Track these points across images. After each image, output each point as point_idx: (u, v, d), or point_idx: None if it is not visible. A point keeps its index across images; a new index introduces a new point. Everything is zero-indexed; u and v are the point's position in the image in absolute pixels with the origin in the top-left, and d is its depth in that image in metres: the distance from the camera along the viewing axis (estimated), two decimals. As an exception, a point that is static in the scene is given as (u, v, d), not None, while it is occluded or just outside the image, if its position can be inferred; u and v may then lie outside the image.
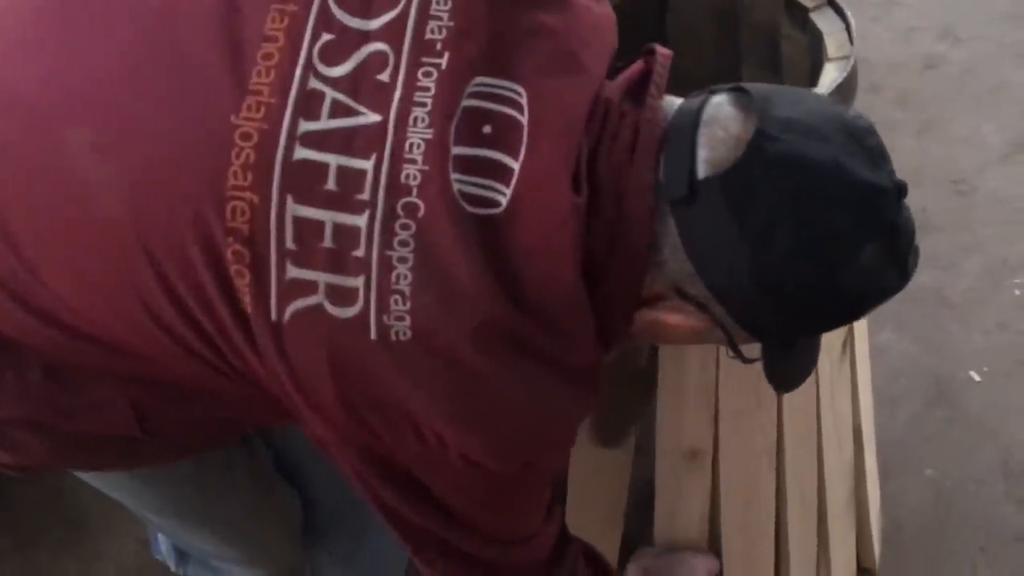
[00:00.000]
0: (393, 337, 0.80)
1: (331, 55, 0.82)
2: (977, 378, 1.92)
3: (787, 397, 1.29)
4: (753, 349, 0.90)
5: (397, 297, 0.79)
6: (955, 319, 2.03)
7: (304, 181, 0.80)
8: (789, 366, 0.92)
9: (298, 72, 0.81)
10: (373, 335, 0.80)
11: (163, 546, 1.50)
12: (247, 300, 0.81)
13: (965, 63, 2.60)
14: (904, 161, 2.29)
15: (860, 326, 1.42)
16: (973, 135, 2.41)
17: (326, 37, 0.82)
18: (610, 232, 0.82)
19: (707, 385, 1.24)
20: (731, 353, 0.90)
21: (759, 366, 1.26)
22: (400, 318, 0.79)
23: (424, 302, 0.79)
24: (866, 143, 0.83)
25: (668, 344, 1.06)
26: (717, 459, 1.28)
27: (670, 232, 0.82)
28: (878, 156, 0.83)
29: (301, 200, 0.80)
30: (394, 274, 0.79)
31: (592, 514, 1.34)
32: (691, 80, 1.57)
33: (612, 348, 0.90)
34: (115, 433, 0.95)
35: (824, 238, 0.81)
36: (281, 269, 0.80)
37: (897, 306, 2.02)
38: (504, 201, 0.80)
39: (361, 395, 0.83)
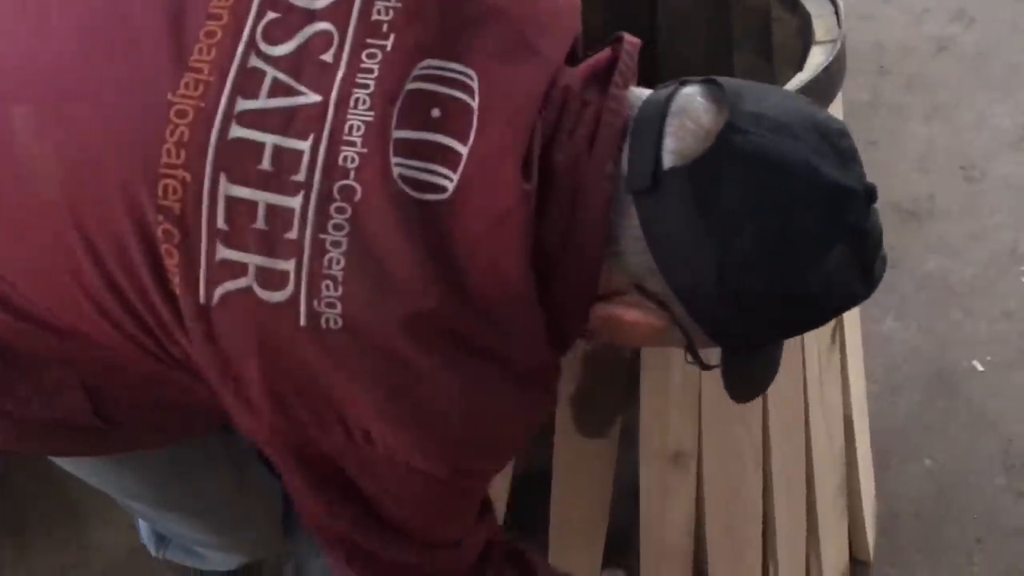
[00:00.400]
0: (323, 324, 0.78)
1: (275, 33, 0.81)
2: (980, 368, 1.89)
3: (773, 390, 1.26)
4: (712, 355, 0.88)
5: (329, 282, 0.77)
6: (960, 307, 2.00)
7: (238, 160, 0.79)
8: (748, 374, 0.90)
9: (239, 50, 0.80)
10: (303, 321, 0.78)
11: (143, 530, 1.50)
12: (176, 281, 0.80)
13: (978, 45, 2.55)
14: (912, 146, 2.32)
15: (851, 315, 1.40)
16: (984, 119, 2.37)
17: (271, 15, 0.81)
18: (564, 223, 0.80)
19: (691, 384, 1.22)
20: (689, 358, 0.88)
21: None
22: (331, 305, 0.77)
23: (356, 289, 0.77)
24: (838, 144, 0.81)
25: (626, 344, 1.03)
26: (701, 459, 1.27)
27: (631, 224, 0.80)
28: (849, 158, 0.81)
29: (234, 179, 0.78)
30: (327, 258, 0.77)
31: (577, 507, 1.32)
32: (684, 63, 1.55)
33: (568, 346, 0.88)
34: (70, 420, 0.94)
35: (788, 239, 0.79)
36: (211, 249, 0.79)
37: (901, 294, 2.02)
38: (450, 187, 0.78)
39: (288, 384, 0.81)
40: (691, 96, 0.81)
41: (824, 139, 0.80)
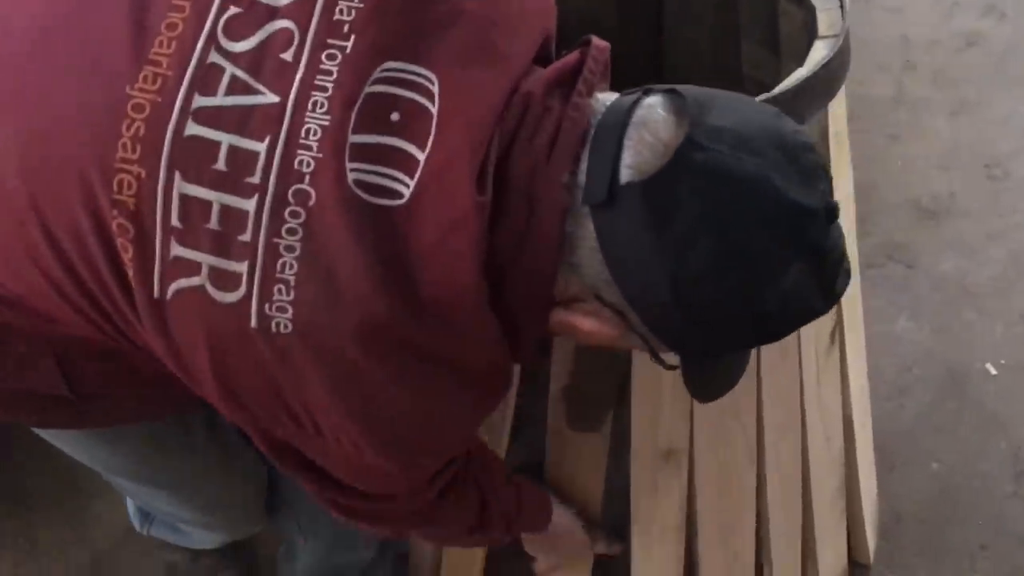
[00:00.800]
0: (273, 328, 0.78)
1: (236, 29, 0.80)
2: (993, 371, 1.86)
3: (767, 389, 1.25)
4: (674, 356, 0.88)
5: (281, 287, 0.77)
6: (975, 309, 1.96)
7: (194, 158, 0.78)
8: (709, 378, 0.89)
9: (200, 44, 0.80)
10: (253, 323, 0.78)
11: (130, 507, 1.52)
12: (131, 274, 0.80)
13: (1008, 41, 2.50)
14: (936, 143, 2.28)
15: (853, 315, 1.37)
16: (1010, 117, 2.32)
17: (233, 10, 0.80)
18: (519, 232, 0.79)
19: (682, 382, 1.20)
20: (652, 358, 0.87)
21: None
22: (282, 309, 0.78)
23: (307, 294, 0.77)
24: (801, 160, 0.79)
25: (587, 344, 1.04)
26: (693, 457, 1.25)
27: (587, 236, 0.79)
28: (812, 175, 0.80)
29: (189, 178, 0.78)
30: (280, 262, 0.77)
31: (570, 502, 1.31)
32: (692, 56, 1.53)
33: (525, 352, 0.87)
34: (44, 392, 0.95)
35: (744, 256, 0.78)
36: (165, 246, 0.79)
37: (915, 293, 1.99)
38: (407, 193, 0.77)
39: (238, 380, 0.82)
40: (652, 107, 0.80)
41: (787, 154, 0.78)
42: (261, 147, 0.77)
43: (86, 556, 1.67)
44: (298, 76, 0.78)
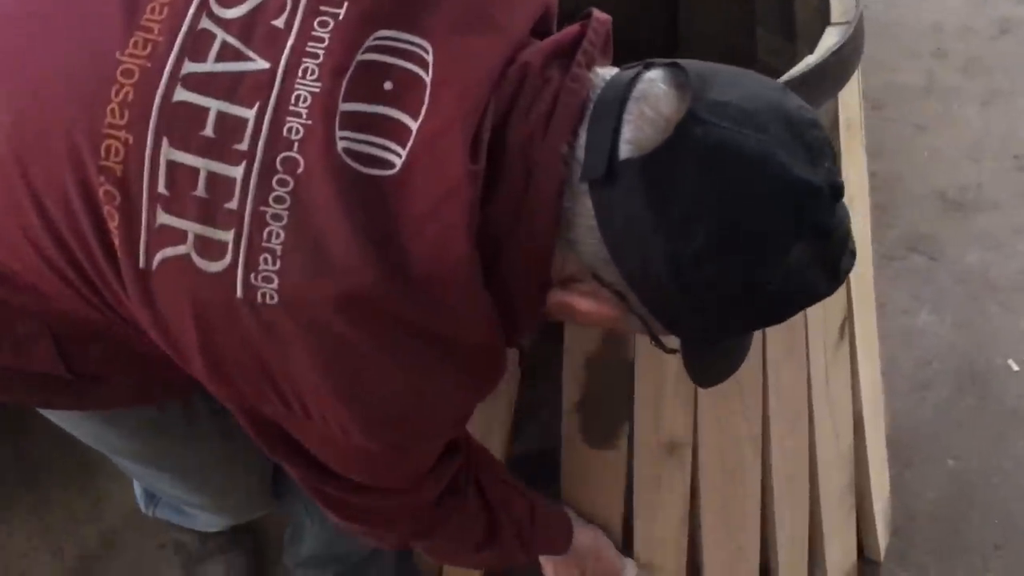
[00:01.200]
0: (259, 299, 0.76)
1: None
2: (1015, 367, 1.82)
3: (773, 383, 1.23)
4: (674, 339, 0.85)
5: (267, 256, 0.75)
6: (999, 303, 1.92)
7: (182, 124, 0.77)
8: (710, 363, 0.87)
9: (191, 11, 0.78)
10: (239, 293, 0.76)
11: (136, 488, 1.52)
12: (117, 243, 0.79)
13: (1043, 29, 2.44)
14: (965, 133, 2.23)
15: (864, 308, 1.34)
16: (1043, 108, 2.27)
17: None
18: (515, 205, 0.77)
19: (685, 373, 1.18)
20: (652, 342, 0.85)
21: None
22: (268, 279, 0.76)
23: (293, 264, 0.75)
24: (806, 136, 0.76)
25: (584, 325, 1.01)
26: (697, 449, 1.23)
27: (585, 213, 0.77)
28: (817, 152, 0.77)
29: (176, 144, 0.77)
30: (266, 231, 0.75)
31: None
32: (706, 42, 1.50)
33: (521, 332, 0.85)
34: (42, 370, 0.94)
35: (746, 236, 0.75)
36: (151, 214, 0.77)
37: (939, 286, 1.95)
38: (399, 163, 0.75)
39: (224, 354, 0.80)
40: (653, 81, 0.77)
41: (791, 130, 0.76)
42: (250, 114, 0.76)
43: (97, 533, 1.68)
44: (289, 43, 0.77)
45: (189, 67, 0.77)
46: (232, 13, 0.79)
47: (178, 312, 0.79)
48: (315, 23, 0.77)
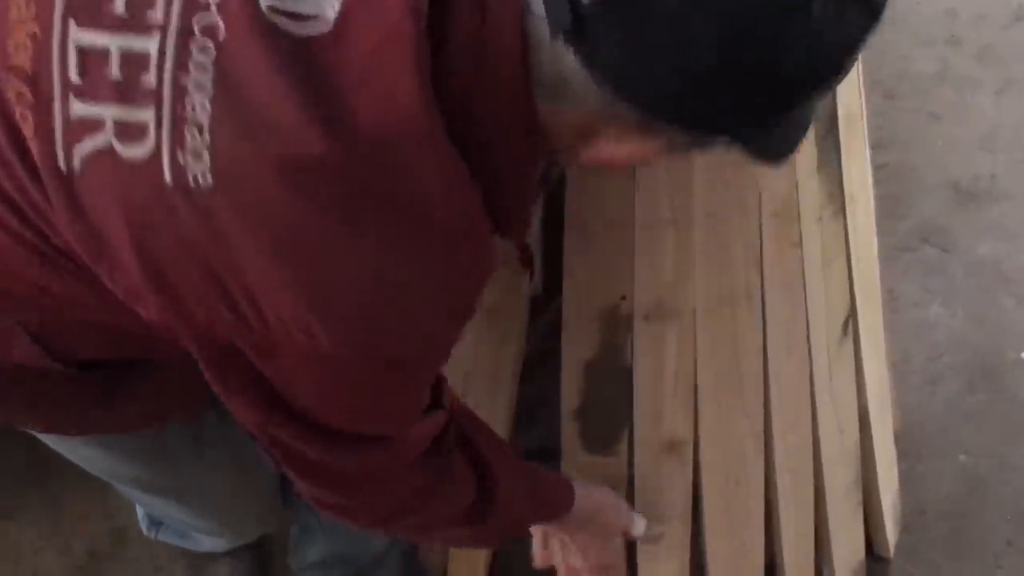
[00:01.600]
0: (192, 182, 0.69)
1: None
2: (1028, 360, 1.80)
3: (774, 381, 1.22)
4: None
5: (194, 130, 0.69)
6: (1012, 296, 1.90)
7: (88, 2, 0.71)
8: (774, 144, 0.75)
9: None
10: (167, 177, 0.69)
11: (139, 512, 1.50)
12: (34, 149, 0.73)
13: (1060, 16, 2.41)
14: (979, 122, 2.20)
15: (869, 302, 1.33)
16: (1059, 97, 2.24)
17: None
18: (472, 41, 0.69)
19: (685, 370, 1.18)
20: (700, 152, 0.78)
21: (738, 347, 1.20)
22: (197, 155, 0.69)
23: (224, 136, 0.68)
24: None
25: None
26: (698, 447, 1.22)
27: (574, 69, 0.68)
28: None
29: (83, 23, 0.71)
30: (189, 102, 0.69)
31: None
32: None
33: (514, 210, 0.77)
34: (25, 363, 0.89)
35: (753, 12, 0.64)
36: (65, 107, 0.71)
37: (950, 278, 1.93)
38: (333, 16, 0.68)
39: (162, 256, 0.73)
40: None
41: None
42: None
43: (107, 530, 1.69)
44: None
45: None
46: None
47: (107, 216, 0.72)
48: None
